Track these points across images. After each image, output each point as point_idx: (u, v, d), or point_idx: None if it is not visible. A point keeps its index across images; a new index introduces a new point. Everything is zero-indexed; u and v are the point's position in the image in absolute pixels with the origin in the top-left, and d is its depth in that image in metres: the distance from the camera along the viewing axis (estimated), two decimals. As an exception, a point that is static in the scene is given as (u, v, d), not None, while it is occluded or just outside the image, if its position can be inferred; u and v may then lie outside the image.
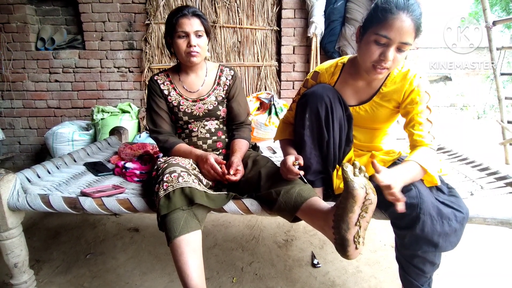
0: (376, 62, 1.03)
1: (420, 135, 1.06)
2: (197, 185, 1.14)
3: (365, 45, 1.04)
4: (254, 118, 2.84)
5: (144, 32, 3.16)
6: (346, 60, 1.23)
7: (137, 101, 3.33)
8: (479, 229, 1.84)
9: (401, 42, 0.99)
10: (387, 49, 1.00)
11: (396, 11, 0.97)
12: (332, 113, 1.15)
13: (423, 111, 1.09)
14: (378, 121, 1.23)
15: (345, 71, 1.22)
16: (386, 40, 0.99)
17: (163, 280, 1.50)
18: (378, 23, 1.00)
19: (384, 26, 0.99)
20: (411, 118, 1.10)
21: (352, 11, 2.91)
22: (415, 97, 1.10)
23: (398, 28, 0.97)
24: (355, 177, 0.87)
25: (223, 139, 1.49)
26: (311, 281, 1.49)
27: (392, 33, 0.98)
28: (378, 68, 1.04)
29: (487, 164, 1.52)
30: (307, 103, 1.17)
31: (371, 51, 1.02)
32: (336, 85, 1.23)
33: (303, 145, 1.20)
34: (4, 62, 3.18)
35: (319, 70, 1.26)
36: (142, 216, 2.09)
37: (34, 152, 3.45)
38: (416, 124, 1.08)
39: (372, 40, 1.02)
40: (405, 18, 0.97)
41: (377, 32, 1.00)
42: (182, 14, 1.30)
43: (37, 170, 1.48)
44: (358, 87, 1.21)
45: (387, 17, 0.98)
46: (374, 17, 1.02)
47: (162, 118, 1.42)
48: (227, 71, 1.48)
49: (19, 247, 1.28)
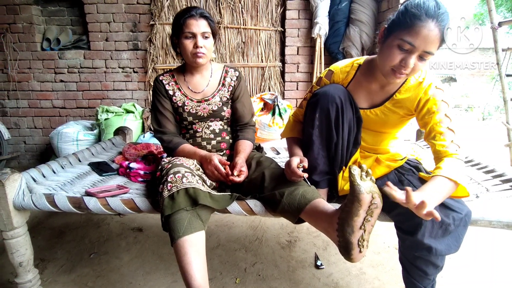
0: (396, 67, 1.01)
1: (443, 145, 1.01)
2: (201, 185, 1.14)
3: (388, 48, 1.01)
4: (257, 119, 2.84)
5: (149, 33, 3.18)
6: (362, 61, 1.20)
7: (141, 101, 3.34)
8: (484, 232, 1.83)
9: (424, 51, 0.96)
10: (409, 56, 0.98)
11: (425, 18, 0.93)
12: (343, 114, 1.14)
13: (442, 120, 1.04)
14: (387, 126, 1.21)
15: (360, 72, 1.20)
16: (410, 47, 0.96)
17: (166, 280, 1.50)
18: (405, 28, 0.96)
19: (410, 32, 0.95)
20: (430, 128, 1.06)
21: (356, 12, 2.90)
22: (431, 106, 1.06)
23: (425, 36, 0.94)
24: (362, 181, 0.86)
25: (227, 139, 1.49)
26: (314, 283, 1.49)
27: (418, 41, 0.95)
28: (397, 73, 1.01)
29: (493, 166, 1.50)
30: (318, 103, 1.16)
31: (393, 56, 0.99)
32: (349, 85, 1.21)
33: (311, 144, 1.20)
34: (10, 62, 3.21)
35: (334, 69, 1.23)
36: (145, 216, 2.09)
37: (39, 152, 3.48)
38: (437, 134, 1.03)
39: (395, 44, 0.99)
40: (433, 28, 0.93)
41: (402, 37, 0.97)
42: (189, 15, 1.30)
43: (42, 169, 1.49)
44: (372, 89, 1.18)
45: (415, 24, 0.94)
46: (401, 21, 0.98)
47: (167, 118, 1.42)
48: (232, 72, 1.49)
49: (24, 246, 1.29)
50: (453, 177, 0.93)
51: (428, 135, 1.08)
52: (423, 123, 1.10)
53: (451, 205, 0.99)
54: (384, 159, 1.22)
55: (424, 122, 1.09)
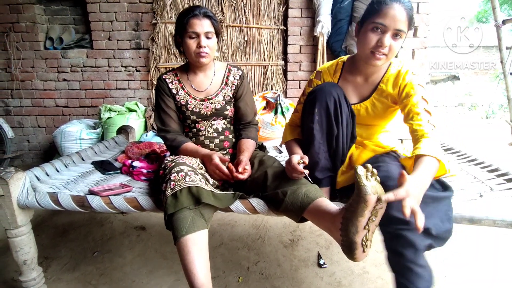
0: (374, 48, 1.10)
1: (419, 125, 1.08)
2: (204, 184, 1.14)
3: (363, 34, 1.13)
4: (260, 118, 2.83)
5: (151, 32, 3.18)
6: (345, 58, 1.31)
7: (143, 100, 3.35)
8: (488, 231, 1.82)
9: (395, 28, 1.08)
10: (383, 35, 1.09)
11: (390, 2, 1.08)
12: (341, 107, 1.18)
13: (419, 101, 1.12)
14: (377, 117, 1.28)
15: (345, 69, 1.29)
16: (382, 27, 1.08)
17: (169, 278, 1.51)
18: (374, 14, 1.10)
19: (379, 15, 1.09)
20: (408, 110, 1.13)
21: (359, 10, 2.88)
22: (409, 90, 1.15)
23: (393, 16, 1.07)
24: (368, 181, 0.85)
25: (230, 138, 1.49)
26: (317, 282, 1.49)
27: (387, 20, 1.07)
28: (377, 54, 1.11)
29: (497, 165, 1.49)
30: (316, 99, 1.19)
31: (369, 39, 1.11)
32: (338, 83, 1.28)
33: (312, 140, 1.21)
34: (14, 61, 3.22)
35: (321, 70, 1.34)
36: (148, 214, 2.10)
37: (43, 150, 3.49)
38: (414, 115, 1.11)
39: (369, 28, 1.11)
40: (398, 7, 1.07)
41: (373, 20, 1.10)
42: (193, 14, 1.29)
43: (46, 168, 1.50)
44: (358, 83, 1.27)
45: (382, 7, 1.09)
46: (370, 10, 1.12)
47: (170, 117, 1.42)
48: (235, 71, 1.48)
49: (28, 245, 1.30)
50: (434, 154, 0.98)
51: (406, 116, 1.15)
52: (403, 106, 1.17)
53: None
54: (371, 145, 1.27)
55: (403, 105, 1.16)
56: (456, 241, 1.77)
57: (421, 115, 1.09)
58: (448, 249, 1.70)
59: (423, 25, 2.48)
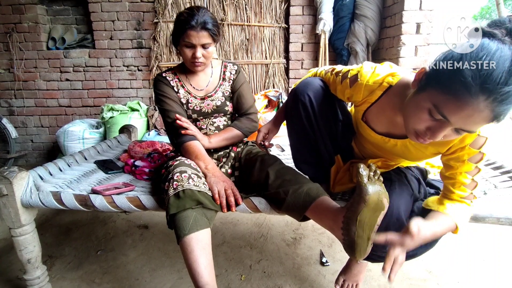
0: (420, 133, 0.81)
1: (461, 195, 0.95)
2: (207, 189, 1.15)
3: (416, 106, 0.79)
4: (262, 116, 2.83)
5: (153, 31, 3.18)
6: (395, 82, 0.95)
7: (146, 99, 3.36)
8: (493, 229, 1.81)
9: (462, 129, 0.74)
10: (439, 127, 0.76)
11: (477, 93, 0.66)
12: (314, 112, 1.15)
13: (471, 171, 0.92)
14: (407, 157, 1.08)
15: (388, 95, 0.97)
16: (442, 119, 0.74)
17: (172, 277, 1.51)
18: (445, 95, 0.71)
19: (448, 103, 0.71)
20: (453, 174, 0.95)
21: (361, 7, 2.87)
22: (462, 155, 0.90)
23: (466, 115, 0.70)
24: (370, 181, 0.84)
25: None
26: (319, 280, 1.49)
27: (455, 117, 0.71)
28: (420, 138, 0.82)
29: (501, 163, 1.49)
30: (291, 100, 1.20)
31: (419, 119, 0.78)
32: (370, 108, 1.03)
33: (292, 141, 1.29)
34: (16, 61, 3.24)
35: (361, 80, 1.00)
36: (151, 213, 2.11)
37: (46, 150, 3.52)
38: (458, 183, 0.94)
39: (426, 107, 0.76)
40: (483, 108, 0.67)
41: (436, 103, 0.73)
42: (190, 26, 1.23)
43: (49, 167, 1.51)
44: (396, 122, 0.99)
45: (459, 95, 0.68)
46: (443, 78, 0.72)
47: (177, 111, 1.36)
48: (231, 66, 1.48)
49: (32, 243, 1.31)
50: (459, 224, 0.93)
51: (447, 177, 0.97)
52: (447, 162, 0.96)
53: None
54: (376, 162, 1.17)
55: (448, 164, 0.96)
56: (456, 241, 1.76)
57: (467, 186, 0.93)
58: (451, 249, 1.69)
59: (426, 21, 2.47)
